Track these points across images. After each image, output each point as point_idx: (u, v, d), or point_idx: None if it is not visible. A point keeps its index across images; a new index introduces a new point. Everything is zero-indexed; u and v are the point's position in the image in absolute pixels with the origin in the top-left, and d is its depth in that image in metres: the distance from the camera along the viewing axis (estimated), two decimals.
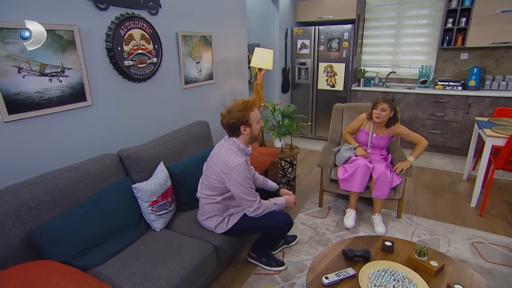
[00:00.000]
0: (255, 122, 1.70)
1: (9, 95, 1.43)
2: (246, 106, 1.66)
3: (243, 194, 1.65)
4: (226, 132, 1.74)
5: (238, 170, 1.62)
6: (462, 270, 1.43)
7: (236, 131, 1.68)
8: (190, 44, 2.48)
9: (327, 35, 4.15)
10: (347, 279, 1.35)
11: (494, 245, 2.18)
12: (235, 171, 1.62)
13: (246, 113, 1.65)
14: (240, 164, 1.62)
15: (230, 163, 1.63)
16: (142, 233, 1.72)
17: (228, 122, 1.67)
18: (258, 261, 2.00)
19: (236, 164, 1.62)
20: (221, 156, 1.67)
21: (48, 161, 1.63)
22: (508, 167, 2.47)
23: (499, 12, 3.43)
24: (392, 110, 2.35)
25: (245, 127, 1.67)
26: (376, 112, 2.36)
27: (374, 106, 2.39)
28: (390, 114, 2.36)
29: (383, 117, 2.35)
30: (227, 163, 1.63)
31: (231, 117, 1.65)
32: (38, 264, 1.23)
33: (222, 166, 1.65)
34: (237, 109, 1.65)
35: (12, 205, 1.30)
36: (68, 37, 1.62)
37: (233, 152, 1.67)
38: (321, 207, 2.72)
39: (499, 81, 3.76)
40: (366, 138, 2.52)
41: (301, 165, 3.71)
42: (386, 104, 2.33)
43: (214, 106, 2.92)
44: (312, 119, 4.63)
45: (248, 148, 1.76)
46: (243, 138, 1.71)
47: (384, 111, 2.33)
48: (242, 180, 1.63)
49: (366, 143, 2.53)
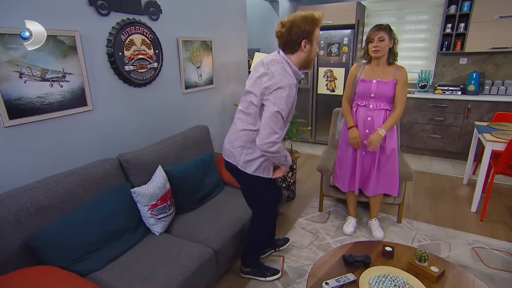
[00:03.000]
0: (316, 41, 1.46)
1: (10, 100, 1.44)
2: (314, 19, 1.40)
3: (274, 118, 1.39)
4: (280, 47, 1.49)
5: (287, 90, 1.38)
6: (463, 276, 1.42)
7: (295, 45, 1.43)
8: (191, 49, 2.49)
9: (327, 40, 4.17)
10: (347, 285, 1.34)
11: (495, 250, 2.17)
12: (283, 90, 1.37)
13: (313, 27, 1.41)
14: (291, 85, 1.39)
15: (283, 80, 1.39)
16: (141, 237, 1.72)
17: (289, 32, 1.40)
18: (252, 274, 1.91)
19: (290, 82, 1.39)
20: (268, 72, 1.43)
21: (48, 165, 1.63)
22: (508, 171, 2.47)
23: (497, 17, 3.45)
24: (391, 38, 1.95)
25: (306, 42, 1.42)
26: (373, 45, 1.96)
27: (368, 40, 2.00)
28: (390, 45, 1.97)
29: (382, 49, 1.94)
30: (279, 79, 1.39)
31: (295, 25, 1.39)
32: (36, 269, 1.23)
33: (266, 81, 1.41)
34: (303, 18, 1.39)
35: (11, 210, 1.30)
36: (69, 43, 1.63)
37: (284, 71, 1.42)
38: (321, 211, 2.71)
39: (498, 85, 3.77)
40: (367, 87, 2.06)
41: (301, 169, 3.71)
42: (383, 32, 1.92)
43: (214, 110, 2.93)
44: (312, 123, 4.63)
45: (300, 72, 1.50)
46: (297, 58, 1.47)
47: (382, 40, 1.92)
48: (285, 104, 1.39)
49: (368, 95, 2.07)
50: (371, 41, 1.98)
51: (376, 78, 2.04)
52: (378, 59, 2.03)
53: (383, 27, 1.96)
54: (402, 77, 2.01)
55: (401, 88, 2.02)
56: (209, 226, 1.81)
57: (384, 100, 2.05)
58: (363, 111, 2.11)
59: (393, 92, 2.03)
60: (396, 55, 2.04)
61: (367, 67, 2.11)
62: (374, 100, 2.06)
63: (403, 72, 2.02)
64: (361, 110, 2.12)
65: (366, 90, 2.07)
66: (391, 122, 2.01)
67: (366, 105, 2.10)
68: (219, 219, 1.88)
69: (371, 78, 2.06)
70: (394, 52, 2.03)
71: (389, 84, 2.01)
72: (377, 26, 1.98)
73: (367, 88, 2.06)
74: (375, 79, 2.04)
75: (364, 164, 2.19)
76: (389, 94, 2.02)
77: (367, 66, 2.11)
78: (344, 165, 2.28)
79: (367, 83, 2.06)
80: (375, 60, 2.05)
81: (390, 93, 2.02)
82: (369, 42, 2.00)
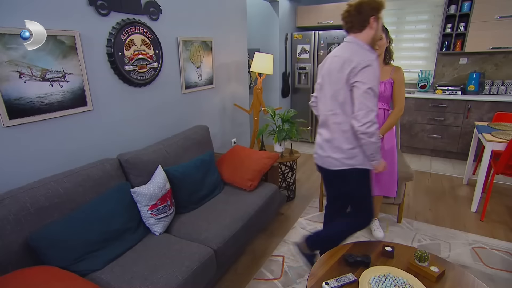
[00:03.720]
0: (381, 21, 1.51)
1: (10, 100, 1.44)
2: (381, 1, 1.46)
3: (367, 96, 1.38)
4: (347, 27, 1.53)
5: (373, 66, 1.39)
6: (463, 276, 1.42)
7: (364, 22, 1.46)
8: (191, 49, 2.49)
9: (327, 40, 4.17)
10: (347, 285, 1.34)
11: (495, 250, 2.17)
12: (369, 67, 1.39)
13: (380, 5, 1.46)
14: (374, 60, 1.41)
15: (364, 57, 1.41)
16: (141, 237, 1.72)
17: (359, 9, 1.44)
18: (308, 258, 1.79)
19: (372, 58, 1.41)
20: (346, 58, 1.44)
21: (48, 165, 1.63)
22: (508, 171, 2.47)
23: (497, 17, 3.45)
24: (387, 37, 1.99)
25: (374, 19, 1.45)
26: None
27: None
28: (387, 44, 2.01)
29: (381, 47, 1.97)
30: (359, 59, 1.41)
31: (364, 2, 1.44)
32: (36, 269, 1.23)
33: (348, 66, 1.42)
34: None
35: (11, 210, 1.30)
36: (69, 43, 1.63)
37: (361, 50, 1.46)
38: (321, 211, 2.71)
39: (498, 85, 3.77)
40: None
41: (301, 169, 3.71)
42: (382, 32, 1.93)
43: (214, 110, 2.93)
44: (312, 123, 4.63)
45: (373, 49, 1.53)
46: (366, 36, 1.49)
47: (380, 39, 1.93)
48: (374, 79, 1.40)
49: None
50: None
51: None
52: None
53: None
54: (399, 76, 2.03)
55: (398, 87, 2.03)
56: (209, 226, 1.81)
57: (381, 99, 2.06)
58: None
59: (390, 91, 2.05)
60: (391, 54, 2.07)
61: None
62: None
63: (400, 72, 2.04)
64: None
65: None
66: (389, 123, 2.03)
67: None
68: (219, 219, 1.88)
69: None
70: (390, 51, 2.06)
71: (386, 83, 2.03)
72: None
73: None
74: None
75: None
76: (386, 93, 2.04)
77: None
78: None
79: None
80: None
81: (387, 92, 2.04)
82: None
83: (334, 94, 1.52)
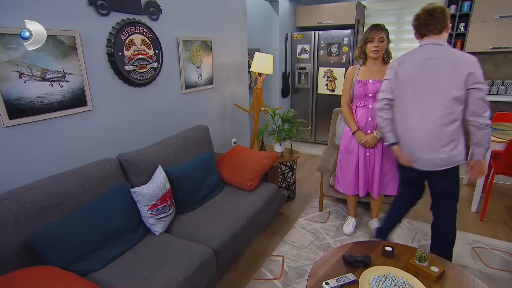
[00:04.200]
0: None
1: (10, 100, 1.44)
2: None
3: (484, 95, 1.49)
4: (430, 28, 1.62)
5: (479, 65, 1.50)
6: (463, 276, 1.42)
7: (443, 23, 1.58)
8: (191, 49, 2.49)
9: (327, 40, 4.17)
10: (347, 285, 1.34)
11: (495, 250, 2.17)
12: (478, 66, 1.50)
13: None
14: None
15: (470, 58, 1.51)
16: (141, 237, 1.72)
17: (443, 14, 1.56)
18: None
19: (475, 58, 1.51)
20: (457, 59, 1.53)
21: (48, 165, 1.63)
22: (508, 171, 2.47)
23: (497, 17, 3.45)
24: (387, 38, 2.02)
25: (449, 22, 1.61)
26: (374, 45, 1.98)
27: (367, 40, 2.00)
28: (387, 44, 2.04)
29: (382, 49, 1.99)
30: (467, 60, 1.51)
31: (445, 10, 1.58)
32: (36, 269, 1.23)
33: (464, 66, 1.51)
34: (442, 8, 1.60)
35: (11, 210, 1.30)
36: (69, 43, 1.63)
37: (461, 52, 1.58)
38: (321, 211, 2.72)
39: (498, 85, 3.77)
40: (364, 87, 2.08)
41: (301, 169, 3.71)
42: (383, 32, 1.97)
43: (214, 110, 2.93)
44: (312, 123, 4.63)
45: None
46: (444, 38, 1.63)
47: (382, 41, 1.97)
48: (483, 78, 1.50)
49: (366, 95, 2.08)
50: (371, 41, 1.98)
51: (372, 78, 2.06)
52: (375, 59, 2.05)
53: (382, 27, 1.99)
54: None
55: None
56: (209, 226, 1.81)
57: None
58: (363, 111, 2.12)
59: None
60: (390, 54, 2.09)
61: (362, 68, 2.12)
62: (373, 100, 2.05)
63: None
64: (361, 110, 2.13)
65: (364, 91, 2.08)
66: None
67: (366, 105, 2.10)
68: (219, 219, 1.88)
69: (367, 78, 2.07)
70: (388, 51, 2.08)
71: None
72: (376, 26, 1.99)
73: (364, 88, 2.08)
74: (371, 79, 2.06)
75: (368, 166, 2.19)
76: None
77: (362, 67, 2.12)
78: (346, 170, 2.27)
79: (364, 83, 2.07)
80: (372, 60, 2.06)
81: None
82: (369, 42, 2.00)
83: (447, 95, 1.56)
